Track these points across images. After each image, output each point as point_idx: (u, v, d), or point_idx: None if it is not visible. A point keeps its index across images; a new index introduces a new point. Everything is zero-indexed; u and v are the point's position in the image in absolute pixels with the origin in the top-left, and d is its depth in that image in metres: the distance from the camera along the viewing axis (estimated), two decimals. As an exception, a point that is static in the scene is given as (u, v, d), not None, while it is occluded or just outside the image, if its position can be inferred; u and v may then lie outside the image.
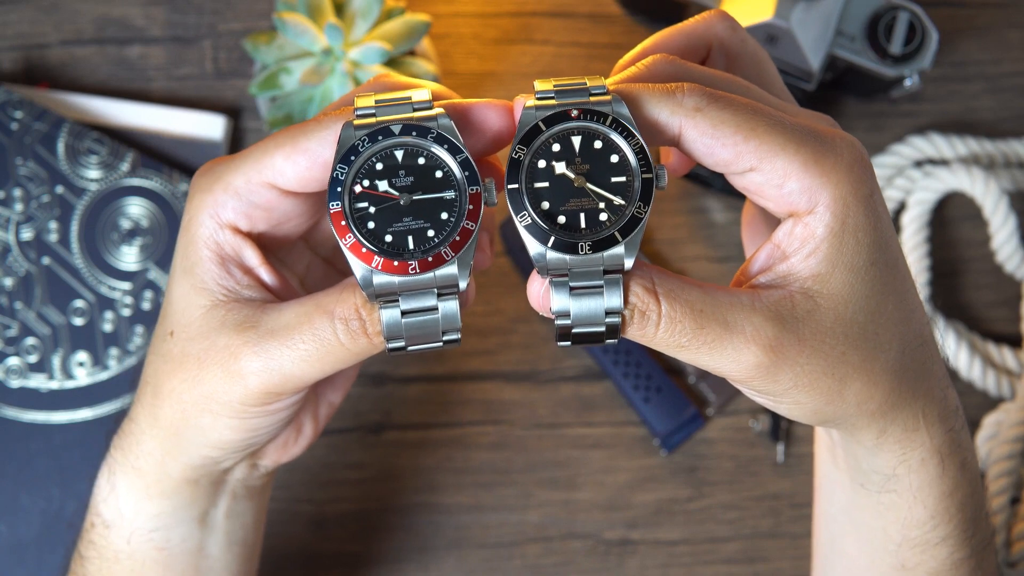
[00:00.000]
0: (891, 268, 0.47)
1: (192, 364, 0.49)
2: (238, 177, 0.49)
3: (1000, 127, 0.81)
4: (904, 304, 0.48)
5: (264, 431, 0.51)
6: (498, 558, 0.77)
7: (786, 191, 0.45)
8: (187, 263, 0.50)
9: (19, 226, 0.76)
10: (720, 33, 0.51)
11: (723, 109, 0.45)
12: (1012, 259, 0.78)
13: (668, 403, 0.77)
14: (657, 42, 0.50)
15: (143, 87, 0.80)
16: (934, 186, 0.77)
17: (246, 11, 0.81)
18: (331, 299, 0.47)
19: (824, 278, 0.46)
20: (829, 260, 0.46)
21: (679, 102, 0.45)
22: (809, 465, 0.78)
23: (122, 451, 0.54)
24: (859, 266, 0.46)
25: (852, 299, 0.46)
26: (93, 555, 0.56)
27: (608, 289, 0.45)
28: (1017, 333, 0.79)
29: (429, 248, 0.45)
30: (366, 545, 0.77)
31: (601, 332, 0.46)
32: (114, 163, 0.76)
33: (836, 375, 0.46)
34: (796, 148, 0.45)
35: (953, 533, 0.52)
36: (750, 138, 0.45)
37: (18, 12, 0.80)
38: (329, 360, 0.48)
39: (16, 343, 0.75)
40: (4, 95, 0.76)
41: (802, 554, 0.77)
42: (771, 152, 0.45)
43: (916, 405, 0.49)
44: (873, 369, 0.47)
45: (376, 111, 0.47)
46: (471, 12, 0.81)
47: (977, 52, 0.81)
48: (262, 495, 0.59)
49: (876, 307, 0.47)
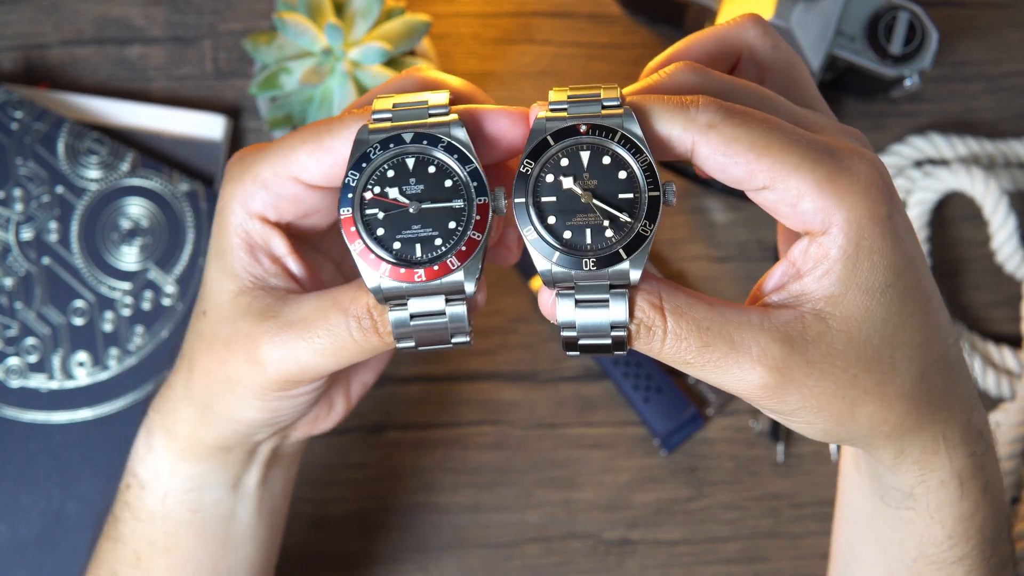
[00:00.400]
0: (912, 290, 0.46)
1: (220, 346, 0.51)
2: (266, 169, 0.50)
3: (1000, 127, 0.81)
4: (927, 327, 0.47)
5: (288, 412, 0.53)
6: (498, 558, 0.77)
7: (800, 211, 0.45)
8: (219, 248, 0.51)
9: (19, 226, 0.76)
10: (751, 39, 0.50)
11: (737, 126, 0.44)
12: (1012, 259, 0.78)
13: (668, 403, 0.77)
14: (686, 47, 0.50)
15: (143, 87, 0.80)
16: (934, 186, 0.77)
17: (246, 11, 0.81)
18: (347, 296, 0.48)
19: (837, 300, 0.45)
20: (842, 282, 0.45)
21: (692, 117, 0.45)
22: (808, 465, 0.78)
23: (160, 415, 0.55)
24: (874, 288, 0.45)
25: (866, 322, 0.46)
26: (127, 516, 0.57)
27: (613, 303, 0.45)
28: (1017, 333, 0.79)
29: (436, 257, 0.46)
30: (366, 545, 0.77)
31: (607, 344, 0.46)
32: (114, 163, 0.76)
33: (847, 398, 0.46)
34: (811, 167, 0.44)
35: (971, 554, 0.52)
36: (763, 156, 0.44)
37: (18, 12, 0.80)
38: (344, 354, 0.49)
39: (16, 343, 0.75)
40: (4, 95, 0.76)
41: (802, 554, 0.77)
42: (785, 171, 0.44)
43: (936, 428, 0.48)
44: (887, 392, 0.46)
45: (392, 115, 0.47)
46: (471, 12, 0.81)
47: (977, 52, 0.81)
48: (292, 465, 0.61)
49: (892, 330, 0.46)
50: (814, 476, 0.78)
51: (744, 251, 0.80)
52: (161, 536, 0.56)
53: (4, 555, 0.73)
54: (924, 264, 0.48)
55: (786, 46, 0.51)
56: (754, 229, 0.80)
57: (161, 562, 0.57)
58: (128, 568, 0.57)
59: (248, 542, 0.59)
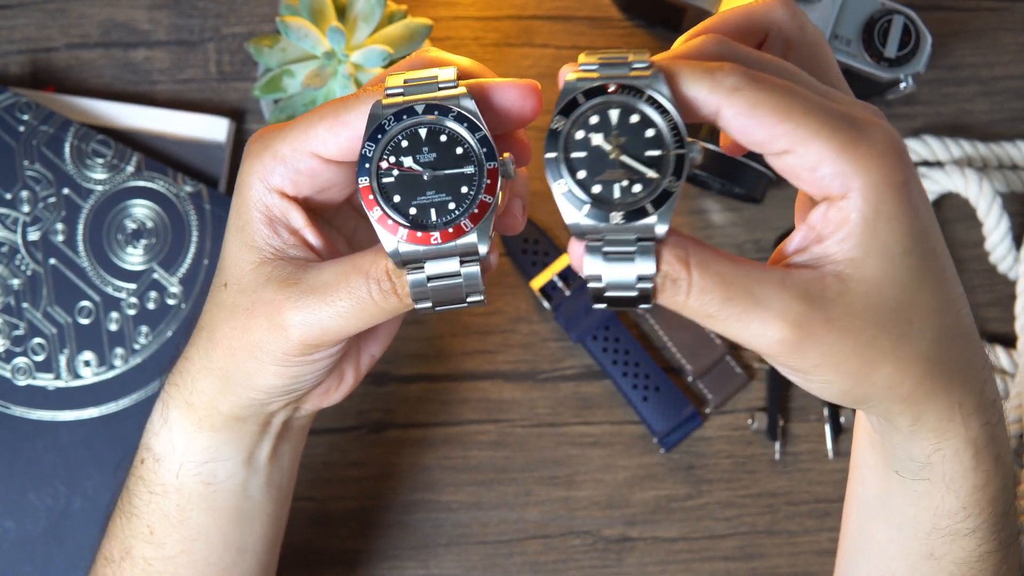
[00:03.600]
0: (929, 257, 0.47)
1: (241, 314, 0.52)
2: (285, 146, 0.51)
3: (993, 129, 0.81)
4: (943, 294, 0.48)
5: (306, 378, 0.54)
6: (498, 555, 0.78)
7: (819, 175, 0.46)
8: (239, 222, 0.53)
9: (26, 227, 0.76)
10: (779, 18, 0.51)
11: (760, 90, 0.46)
12: (1005, 260, 0.78)
13: (666, 402, 0.78)
14: (716, 23, 0.51)
15: (148, 90, 0.81)
16: (929, 187, 0.78)
17: (249, 15, 0.81)
18: (366, 260, 0.50)
19: (857, 263, 0.46)
20: (863, 246, 0.46)
21: (718, 81, 0.46)
22: (805, 463, 0.79)
23: (176, 387, 0.57)
24: (894, 253, 0.46)
25: (885, 285, 0.47)
26: (141, 489, 0.58)
27: (640, 255, 0.46)
28: (1010, 332, 0.80)
29: (450, 220, 0.48)
30: (367, 542, 0.78)
31: (634, 297, 0.47)
32: (119, 165, 0.77)
33: (864, 358, 0.47)
34: (831, 133, 0.45)
35: (983, 526, 0.53)
36: (784, 120, 0.45)
37: (25, 16, 0.81)
38: (364, 316, 0.50)
39: (23, 342, 0.76)
40: (11, 98, 0.77)
41: (799, 551, 0.78)
42: (805, 136, 0.45)
43: (952, 396, 0.49)
44: (904, 355, 0.47)
45: (404, 90, 0.49)
46: (472, 16, 0.82)
47: (971, 55, 0.82)
48: (299, 441, 0.62)
49: (911, 295, 0.47)
50: (811, 474, 0.79)
51: (742, 252, 0.80)
52: (175, 509, 0.58)
53: (12, 551, 0.74)
54: (939, 234, 0.49)
55: (814, 27, 0.52)
56: (752, 230, 0.81)
57: (174, 535, 0.58)
58: (142, 542, 0.58)
59: (258, 518, 0.60)
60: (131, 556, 0.59)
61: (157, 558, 0.58)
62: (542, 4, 0.82)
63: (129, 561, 0.59)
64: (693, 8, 0.74)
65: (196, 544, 0.58)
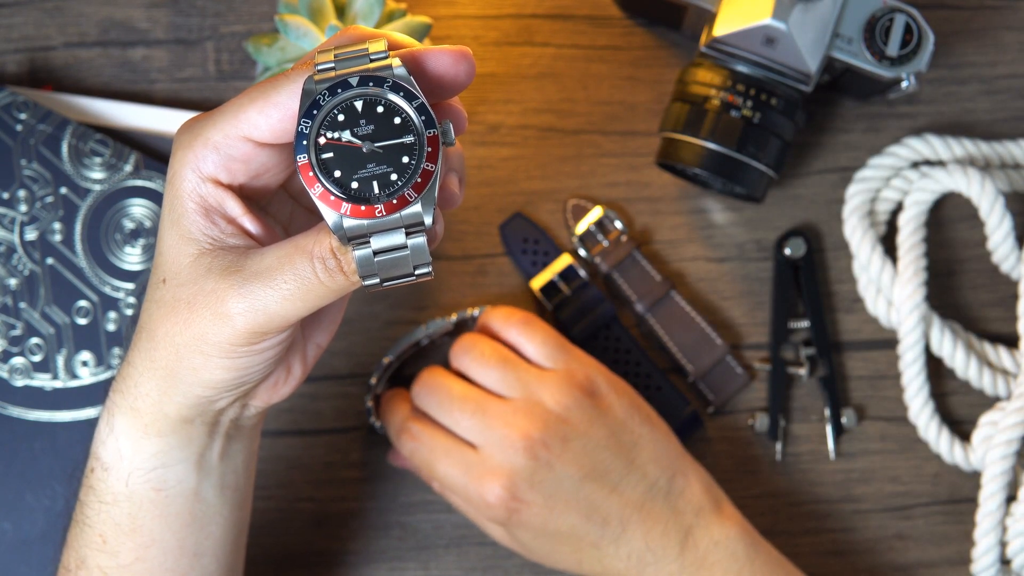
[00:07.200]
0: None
1: (183, 308, 0.51)
2: (216, 132, 0.51)
3: (995, 128, 0.81)
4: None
5: (254, 370, 0.54)
6: (498, 556, 0.78)
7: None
8: (174, 215, 0.52)
9: (23, 227, 0.76)
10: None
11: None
12: (1008, 259, 0.78)
13: (667, 402, 0.78)
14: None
15: (146, 89, 0.81)
16: (931, 187, 0.78)
17: (248, 13, 0.81)
18: (309, 240, 0.50)
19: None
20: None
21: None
22: (806, 464, 0.79)
23: (120, 393, 0.56)
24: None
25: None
26: (92, 499, 0.58)
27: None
28: (1013, 333, 0.79)
29: (393, 191, 0.48)
30: (367, 543, 0.78)
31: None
32: (118, 164, 0.77)
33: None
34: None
35: None
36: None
37: (23, 15, 0.81)
38: (311, 298, 0.50)
39: (20, 343, 0.75)
40: (9, 97, 0.77)
41: (800, 552, 0.78)
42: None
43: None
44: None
45: (336, 65, 0.49)
46: (471, 14, 0.82)
47: (973, 54, 0.82)
48: (252, 438, 0.61)
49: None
50: (812, 475, 0.79)
51: (742, 251, 0.80)
52: (126, 518, 0.57)
53: (9, 552, 0.73)
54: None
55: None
56: (752, 230, 0.80)
57: (127, 543, 0.58)
58: (95, 551, 0.58)
59: (214, 521, 0.60)
60: (86, 566, 0.59)
61: (112, 567, 0.58)
62: (542, 3, 0.82)
63: (85, 571, 0.59)
64: (693, 7, 0.74)
65: (151, 551, 0.58)
